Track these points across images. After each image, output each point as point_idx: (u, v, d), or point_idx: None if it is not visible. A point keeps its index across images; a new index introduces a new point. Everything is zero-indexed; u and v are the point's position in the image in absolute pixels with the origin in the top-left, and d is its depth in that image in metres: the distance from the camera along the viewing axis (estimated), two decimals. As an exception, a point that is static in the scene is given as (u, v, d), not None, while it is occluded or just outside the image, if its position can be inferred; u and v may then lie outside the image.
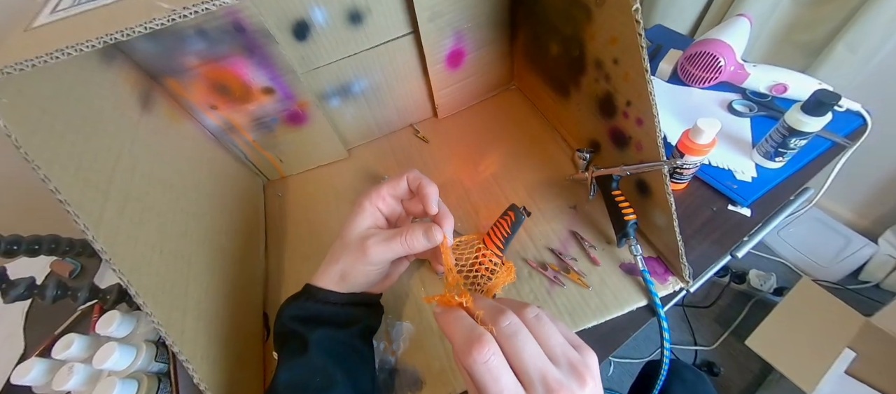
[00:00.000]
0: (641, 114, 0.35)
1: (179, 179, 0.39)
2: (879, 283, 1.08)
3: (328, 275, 0.32)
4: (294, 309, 0.31)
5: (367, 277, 0.32)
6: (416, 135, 0.60)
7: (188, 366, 0.30)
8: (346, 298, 0.32)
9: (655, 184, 0.37)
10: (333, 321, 0.31)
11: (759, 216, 0.43)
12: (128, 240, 0.29)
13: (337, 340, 0.30)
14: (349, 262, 0.31)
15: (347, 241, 0.31)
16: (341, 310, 0.31)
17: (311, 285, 0.32)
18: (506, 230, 0.31)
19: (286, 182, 0.59)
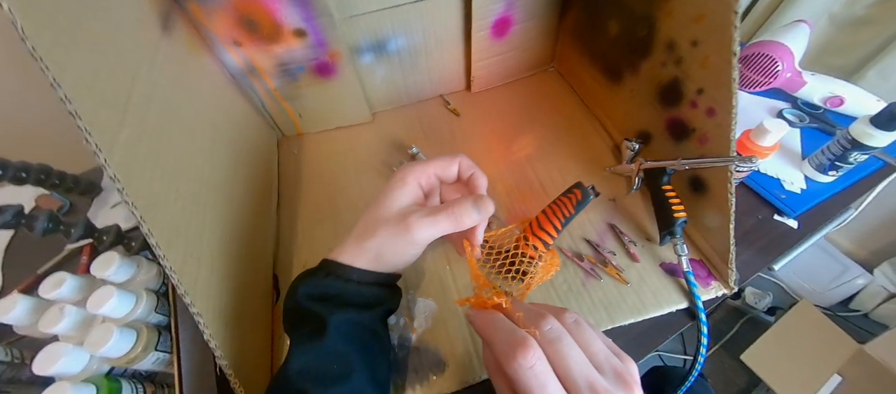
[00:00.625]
0: (716, 104, 0.32)
1: (197, 117, 0.35)
2: (868, 312, 1.10)
3: (358, 251, 0.28)
4: (311, 287, 0.28)
5: (404, 258, 0.28)
6: (447, 106, 0.56)
7: (200, 320, 0.27)
8: (374, 277, 0.28)
9: (716, 182, 0.35)
10: (356, 302, 0.27)
11: (805, 229, 0.41)
12: (143, 172, 0.25)
13: (358, 323, 0.27)
14: (387, 239, 0.27)
15: (385, 215, 0.27)
16: (367, 290, 0.28)
17: (333, 261, 0.28)
18: (568, 210, 0.28)
19: (302, 140, 0.55)
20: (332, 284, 0.27)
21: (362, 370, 0.26)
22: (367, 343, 0.28)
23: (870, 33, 0.77)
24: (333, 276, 0.27)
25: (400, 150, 0.52)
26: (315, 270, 0.29)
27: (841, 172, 0.42)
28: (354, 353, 0.26)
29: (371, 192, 0.48)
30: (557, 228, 0.29)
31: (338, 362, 0.25)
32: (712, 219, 0.36)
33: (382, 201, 0.28)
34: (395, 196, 0.28)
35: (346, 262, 0.28)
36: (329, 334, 0.25)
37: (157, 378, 0.34)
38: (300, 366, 0.25)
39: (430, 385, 0.34)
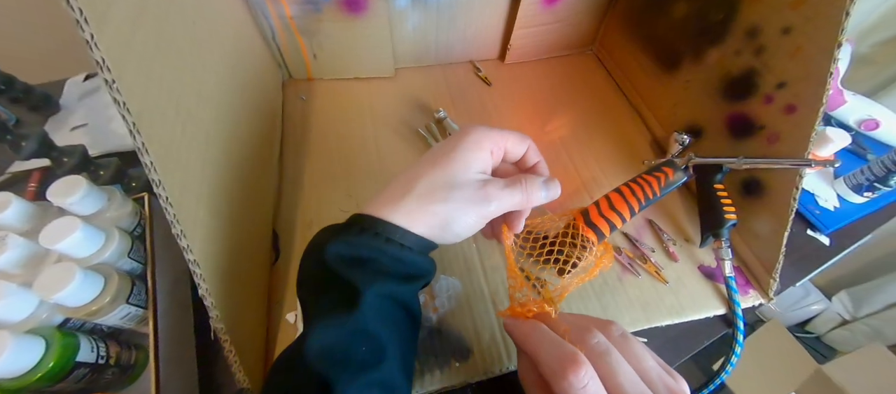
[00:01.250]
0: (799, 100, 0.30)
1: (203, 28, 0.28)
2: (821, 336, 1.18)
3: (421, 214, 0.23)
4: (343, 246, 0.22)
5: (470, 230, 0.24)
6: (477, 73, 0.51)
7: (196, 271, 0.21)
8: (428, 245, 0.23)
9: (778, 185, 0.32)
10: (397, 272, 0.22)
11: (836, 247, 0.40)
12: (140, 67, 0.19)
13: (396, 299, 0.22)
14: (462, 206, 0.23)
15: (461, 179, 0.23)
16: (416, 259, 0.23)
17: (377, 218, 0.23)
18: (652, 191, 0.24)
19: (313, 86, 0.48)
20: (373, 245, 0.22)
21: (394, 356, 0.21)
22: (401, 323, 0.23)
23: (869, 72, 0.80)
24: (382, 238, 0.22)
25: (424, 111, 0.47)
26: (347, 227, 0.23)
27: (876, 193, 0.41)
28: (388, 335, 0.21)
29: (391, 152, 0.43)
30: (634, 210, 0.26)
31: (368, 344, 0.21)
32: (764, 225, 0.34)
33: (454, 163, 0.23)
34: (470, 159, 0.23)
35: (398, 223, 0.22)
36: (362, 310, 0.20)
37: (122, 337, 0.28)
38: (322, 345, 0.20)
39: (453, 372, 0.30)
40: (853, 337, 1.11)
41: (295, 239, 0.36)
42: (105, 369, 0.25)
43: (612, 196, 0.27)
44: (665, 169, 0.24)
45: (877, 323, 1.05)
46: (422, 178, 0.23)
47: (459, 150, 0.24)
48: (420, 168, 0.24)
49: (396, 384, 0.21)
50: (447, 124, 0.44)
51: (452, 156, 0.24)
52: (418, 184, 0.23)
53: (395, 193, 0.23)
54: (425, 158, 0.24)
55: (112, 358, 0.26)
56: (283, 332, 0.31)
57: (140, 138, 0.18)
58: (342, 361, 0.20)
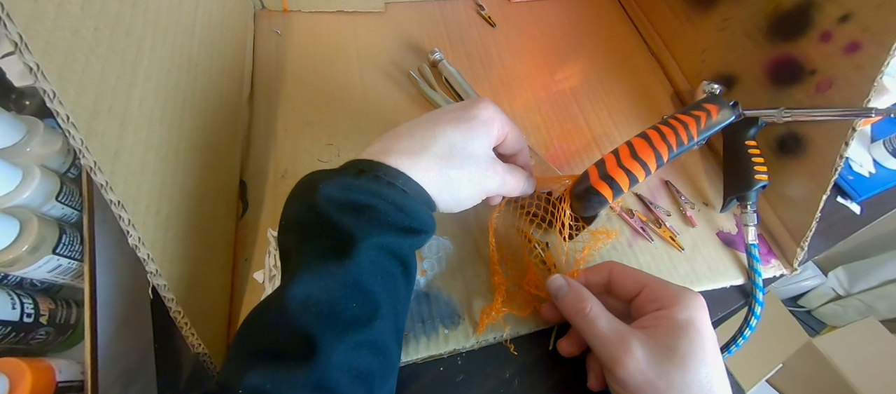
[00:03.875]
0: (867, 35, 0.25)
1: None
2: (813, 310, 1.19)
3: (433, 174, 0.21)
4: (340, 188, 0.19)
5: (469, 201, 0.23)
6: (480, 12, 0.45)
7: (122, 214, 0.17)
8: (429, 200, 0.21)
9: (822, 141, 0.28)
10: (399, 223, 0.19)
11: (868, 215, 0.37)
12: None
13: (394, 252, 0.20)
14: (471, 177, 0.22)
15: (476, 151, 0.22)
16: (421, 209, 0.20)
17: (384, 164, 0.20)
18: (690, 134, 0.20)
19: (290, 19, 0.42)
20: (373, 189, 0.19)
21: (387, 316, 0.19)
22: (397, 281, 0.20)
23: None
24: (378, 180, 0.19)
25: (417, 52, 0.41)
26: (343, 168, 0.20)
27: (920, 159, 0.37)
28: (382, 291, 0.19)
29: (378, 97, 0.38)
30: (662, 158, 0.21)
31: (359, 299, 0.18)
32: (799, 188, 0.30)
33: (476, 132, 0.22)
34: (486, 133, 0.23)
35: (413, 176, 0.20)
36: (356, 260, 0.18)
37: (60, 293, 0.24)
38: (307, 295, 0.17)
39: (441, 340, 0.27)
40: (845, 312, 1.12)
41: (265, 191, 0.32)
42: (33, 328, 0.21)
43: (635, 142, 0.22)
44: (708, 106, 0.19)
45: (869, 299, 1.05)
46: (442, 136, 0.21)
47: (480, 121, 0.22)
48: (439, 126, 0.22)
49: (387, 347, 0.19)
50: (443, 67, 0.38)
51: (472, 124, 0.22)
52: (438, 142, 0.21)
53: (412, 144, 0.21)
54: (442, 117, 0.22)
55: (44, 316, 0.22)
56: (251, 292, 0.27)
57: (23, 41, 0.13)
58: (329, 314, 0.17)
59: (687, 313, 0.21)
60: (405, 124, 0.23)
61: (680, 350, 0.20)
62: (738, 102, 0.20)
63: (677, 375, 0.20)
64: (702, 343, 0.20)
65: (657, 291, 0.23)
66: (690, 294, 0.22)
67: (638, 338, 0.21)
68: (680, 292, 0.22)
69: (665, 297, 0.22)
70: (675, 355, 0.20)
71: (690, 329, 0.21)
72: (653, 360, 0.20)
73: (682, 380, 0.20)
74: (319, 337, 0.16)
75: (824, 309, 1.16)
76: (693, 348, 0.20)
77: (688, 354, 0.20)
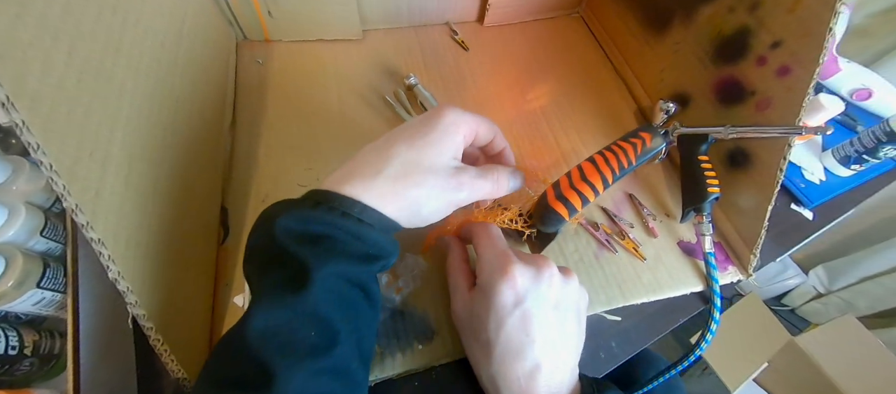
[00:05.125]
0: (795, 60, 0.27)
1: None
2: (796, 308, 1.22)
3: (393, 197, 0.21)
4: (297, 220, 0.20)
5: (438, 215, 0.23)
6: (454, 37, 0.47)
7: (102, 250, 0.18)
8: (388, 224, 0.22)
9: (765, 155, 0.30)
10: (355, 252, 0.20)
11: (820, 221, 0.39)
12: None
13: (352, 280, 0.21)
14: (434, 192, 0.22)
15: (436, 164, 0.22)
16: (378, 237, 0.21)
17: (337, 193, 0.21)
18: (628, 160, 0.22)
19: (270, 48, 0.44)
20: (328, 219, 0.20)
21: (348, 341, 0.19)
22: (358, 306, 0.21)
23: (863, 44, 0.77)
24: (332, 210, 0.20)
25: (393, 77, 0.43)
26: (301, 200, 0.21)
27: (864, 166, 0.40)
28: (341, 318, 0.19)
29: (356, 121, 0.40)
30: (607, 181, 0.23)
31: (316, 327, 0.19)
32: (748, 198, 0.32)
33: (431, 146, 0.22)
34: (446, 144, 0.23)
35: (369, 203, 0.21)
36: (312, 290, 0.18)
37: (44, 325, 0.25)
38: (265, 327, 0.18)
39: (415, 355, 0.28)
40: (826, 310, 1.15)
41: (247, 215, 0.33)
42: (18, 360, 0.22)
43: (584, 166, 0.24)
44: (642, 134, 0.21)
45: (849, 296, 1.08)
46: (396, 157, 0.22)
47: (437, 131, 0.23)
48: (394, 146, 0.22)
49: (350, 369, 0.20)
50: (418, 91, 0.40)
51: (430, 138, 0.22)
52: (391, 163, 0.21)
53: (366, 170, 0.21)
54: (399, 135, 0.23)
55: (28, 348, 0.23)
56: (232, 315, 0.29)
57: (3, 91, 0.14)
58: (286, 345, 0.18)
59: (483, 283, 0.24)
60: (365, 147, 0.23)
61: (476, 310, 0.24)
62: (668, 131, 0.22)
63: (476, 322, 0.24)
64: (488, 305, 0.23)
65: (479, 261, 0.25)
66: (494, 266, 0.24)
67: (457, 298, 0.26)
68: (486, 266, 0.24)
69: (480, 268, 0.25)
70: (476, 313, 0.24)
71: (480, 297, 0.24)
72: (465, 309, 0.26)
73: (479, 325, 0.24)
74: (277, 367, 0.17)
75: (807, 307, 1.19)
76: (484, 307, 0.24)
77: (481, 312, 0.24)
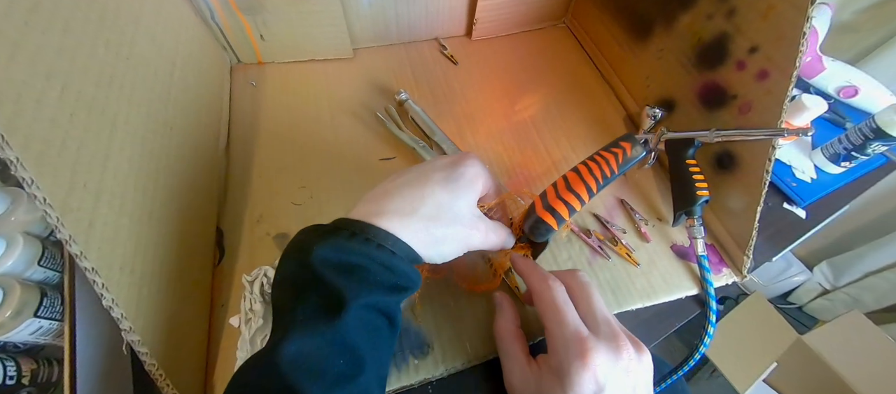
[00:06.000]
0: (772, 64, 0.28)
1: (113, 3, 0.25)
2: (803, 306, 1.20)
3: (421, 234, 0.22)
4: (333, 250, 0.20)
5: (452, 255, 0.24)
6: (443, 52, 0.48)
7: (96, 279, 0.19)
8: (415, 256, 0.23)
9: (750, 158, 0.31)
10: (387, 282, 0.21)
11: (813, 219, 0.39)
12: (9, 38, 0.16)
13: (381, 310, 0.21)
14: (457, 235, 0.24)
15: (463, 211, 0.24)
16: (407, 268, 0.22)
17: (372, 226, 0.21)
18: (610, 169, 0.22)
19: (264, 70, 0.45)
20: (364, 250, 0.21)
21: (372, 368, 0.20)
22: (383, 333, 0.22)
23: (851, 40, 0.78)
24: (368, 242, 0.21)
25: (384, 93, 0.44)
26: (335, 230, 0.21)
27: (854, 163, 0.40)
28: (368, 347, 0.20)
29: (349, 139, 0.40)
30: (592, 190, 0.24)
31: (346, 356, 0.19)
32: (737, 200, 0.33)
33: (463, 193, 0.24)
34: (472, 193, 0.24)
35: (402, 237, 0.22)
36: (345, 320, 0.19)
37: (41, 353, 0.25)
38: (297, 353, 0.18)
39: (411, 370, 0.28)
40: (833, 306, 1.14)
41: (241, 236, 0.33)
42: (16, 390, 0.23)
43: (569, 176, 0.25)
44: (623, 144, 0.22)
45: (855, 291, 1.07)
46: (430, 198, 0.23)
47: (466, 179, 0.24)
48: (428, 186, 0.23)
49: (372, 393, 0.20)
50: (408, 106, 0.41)
51: (461, 184, 0.24)
52: (426, 204, 0.23)
53: (403, 206, 0.23)
54: (432, 176, 0.24)
55: (26, 377, 0.23)
56: (228, 337, 0.29)
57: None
58: (317, 372, 0.18)
59: (560, 370, 0.22)
60: (395, 181, 0.24)
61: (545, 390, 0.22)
62: (648, 140, 0.23)
63: None
64: None
65: (549, 337, 0.23)
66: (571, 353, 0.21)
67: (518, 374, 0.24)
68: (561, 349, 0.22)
69: (551, 347, 0.23)
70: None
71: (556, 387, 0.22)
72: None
73: None
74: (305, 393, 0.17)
75: (813, 304, 1.18)
76: None
77: None
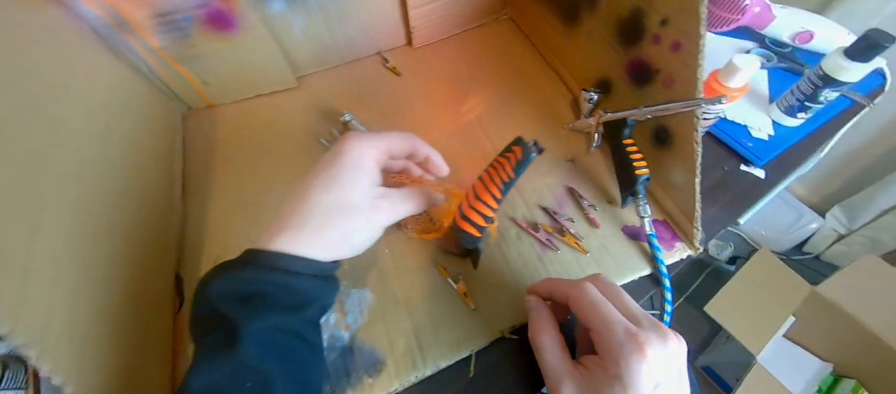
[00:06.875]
0: (682, 35, 0.27)
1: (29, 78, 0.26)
2: (820, 254, 1.16)
3: (318, 241, 0.23)
4: (228, 282, 0.22)
5: (369, 241, 0.25)
6: (385, 64, 0.48)
7: (28, 355, 0.20)
8: (318, 268, 0.23)
9: (681, 131, 0.30)
10: (284, 303, 0.22)
11: (773, 178, 0.38)
12: None
13: (283, 329, 0.22)
14: (358, 225, 0.24)
15: (353, 202, 0.24)
16: (304, 284, 0.23)
17: (266, 250, 0.22)
18: (507, 174, 0.22)
19: (214, 113, 0.46)
20: (258, 277, 0.22)
21: (285, 388, 0.21)
22: (294, 352, 0.22)
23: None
24: (261, 268, 0.22)
25: (330, 118, 0.45)
26: (234, 262, 0.23)
27: (810, 113, 0.38)
28: (276, 367, 0.21)
29: (300, 169, 0.41)
30: (497, 196, 0.24)
31: (252, 378, 0.20)
32: (677, 174, 0.32)
33: (345, 186, 0.24)
34: (358, 179, 0.24)
35: (298, 253, 0.22)
36: (241, 346, 0.20)
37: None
38: (203, 384, 0.20)
39: (365, 389, 0.29)
40: (851, 251, 1.09)
41: (200, 280, 0.35)
42: (-8, 457, 0.24)
43: (476, 184, 0.25)
44: (514, 148, 0.22)
45: (871, 233, 1.03)
46: (316, 205, 0.23)
47: (346, 169, 0.24)
48: (313, 193, 0.24)
49: None
50: (353, 126, 0.42)
51: (342, 177, 0.24)
52: (314, 213, 0.23)
53: (290, 222, 0.23)
54: (313, 181, 0.24)
55: (2, 444, 0.25)
56: (192, 379, 0.30)
57: None
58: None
59: (617, 369, 0.20)
60: (288, 198, 0.25)
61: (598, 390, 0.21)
62: (537, 142, 0.23)
63: None
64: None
65: (597, 338, 0.22)
66: (627, 350, 0.20)
67: (570, 383, 0.22)
68: (616, 347, 0.20)
69: (602, 348, 0.21)
70: None
71: (616, 386, 0.20)
72: None
73: None
74: None
75: (831, 251, 1.13)
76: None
77: None
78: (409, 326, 0.32)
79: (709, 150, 0.40)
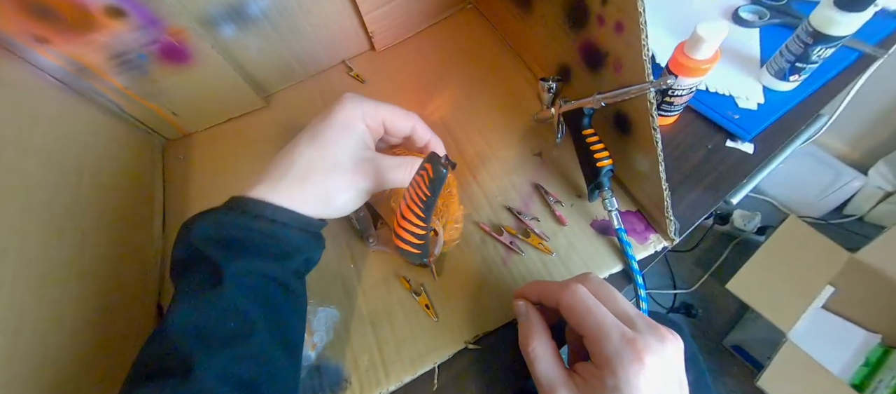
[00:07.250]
0: (623, 14, 0.24)
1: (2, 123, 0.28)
2: (863, 216, 1.05)
3: (298, 193, 0.23)
4: (211, 226, 0.22)
5: (352, 204, 0.25)
6: (349, 73, 0.48)
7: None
8: (304, 222, 0.24)
9: (638, 116, 0.27)
10: (267, 251, 0.22)
11: (763, 152, 0.34)
12: None
13: (266, 275, 0.22)
14: (341, 184, 0.24)
15: (338, 159, 0.24)
16: (289, 234, 0.23)
17: (249, 198, 0.23)
18: (423, 193, 0.21)
19: (191, 140, 0.47)
20: (241, 223, 0.22)
21: (267, 330, 0.21)
22: (276, 300, 0.23)
23: None
24: (245, 214, 0.22)
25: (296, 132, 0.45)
26: (217, 208, 0.23)
27: (804, 74, 0.34)
28: (258, 311, 0.21)
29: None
30: (420, 215, 0.23)
31: (236, 319, 0.21)
32: (641, 162, 0.30)
33: (332, 144, 0.24)
34: (346, 139, 0.24)
35: (278, 203, 0.23)
36: (226, 286, 0.21)
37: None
38: (184, 321, 0.20)
39: (332, 407, 0.30)
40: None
41: (179, 308, 0.36)
42: None
43: (401, 205, 0.24)
44: (426, 165, 0.20)
45: (922, 187, 0.92)
46: (299, 158, 0.24)
47: (335, 128, 0.24)
48: (299, 148, 0.24)
49: (272, 356, 0.22)
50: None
51: (329, 135, 0.24)
52: (296, 164, 0.24)
53: (274, 173, 0.24)
54: (303, 136, 0.25)
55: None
56: (173, 405, 0.32)
57: None
58: (206, 335, 0.20)
59: (615, 379, 0.19)
60: (277, 153, 0.25)
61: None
62: (448, 156, 0.21)
63: None
64: None
65: (592, 346, 0.20)
66: (625, 359, 0.19)
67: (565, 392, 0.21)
68: (612, 356, 0.19)
69: (598, 356, 0.20)
70: None
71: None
72: None
73: None
74: (196, 355, 0.19)
75: (876, 212, 1.03)
76: None
77: None
78: (373, 341, 0.32)
79: (690, 127, 0.37)
